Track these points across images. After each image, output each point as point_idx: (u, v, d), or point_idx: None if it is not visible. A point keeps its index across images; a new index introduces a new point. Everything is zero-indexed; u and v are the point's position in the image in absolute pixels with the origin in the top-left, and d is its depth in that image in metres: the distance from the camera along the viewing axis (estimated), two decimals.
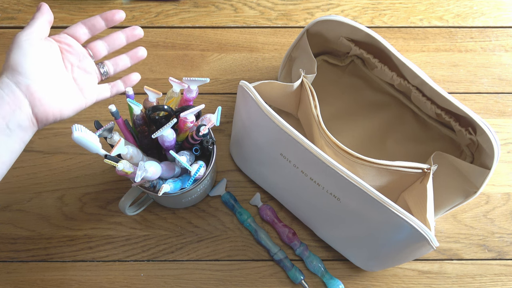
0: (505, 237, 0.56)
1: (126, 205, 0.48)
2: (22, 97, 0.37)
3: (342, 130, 0.56)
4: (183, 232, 0.55)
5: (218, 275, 0.54)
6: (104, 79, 0.45)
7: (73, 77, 0.41)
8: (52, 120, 0.39)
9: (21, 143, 0.38)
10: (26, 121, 0.38)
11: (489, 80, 0.62)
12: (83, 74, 0.42)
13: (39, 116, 0.38)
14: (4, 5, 0.64)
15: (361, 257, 0.51)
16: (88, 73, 0.43)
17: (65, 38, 0.42)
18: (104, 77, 0.45)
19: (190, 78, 0.43)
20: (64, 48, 0.41)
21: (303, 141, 0.42)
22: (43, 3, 0.41)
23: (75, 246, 0.54)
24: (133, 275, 0.53)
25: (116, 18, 0.43)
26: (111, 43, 0.44)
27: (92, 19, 0.43)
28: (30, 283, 0.53)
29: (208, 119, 0.44)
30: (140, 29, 0.45)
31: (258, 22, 0.65)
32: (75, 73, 0.42)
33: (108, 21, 0.43)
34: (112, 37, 0.44)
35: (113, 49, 0.45)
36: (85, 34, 0.43)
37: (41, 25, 0.40)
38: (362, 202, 0.42)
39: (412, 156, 0.54)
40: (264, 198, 0.57)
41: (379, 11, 0.66)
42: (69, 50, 0.41)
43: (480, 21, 0.65)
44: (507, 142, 0.60)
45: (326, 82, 0.58)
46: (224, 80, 0.62)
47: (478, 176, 0.45)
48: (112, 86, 0.45)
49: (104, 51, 0.44)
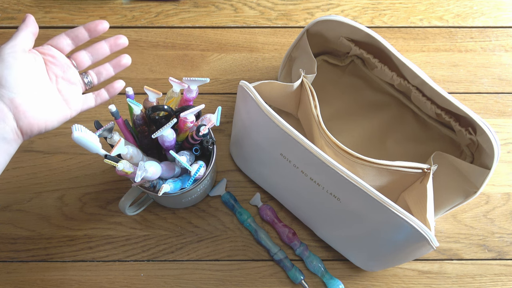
0: (505, 237, 0.56)
1: (126, 205, 0.48)
2: (6, 110, 0.37)
3: (342, 130, 0.56)
4: (183, 232, 0.55)
5: (218, 275, 0.54)
6: (88, 88, 0.44)
7: (57, 88, 0.41)
8: (37, 132, 0.39)
9: (5, 156, 0.38)
10: (11, 134, 0.37)
11: (489, 80, 0.62)
12: (68, 85, 0.42)
13: (24, 129, 0.38)
14: (4, 5, 0.64)
15: (361, 257, 0.51)
16: (73, 84, 0.42)
17: (49, 49, 0.41)
18: (88, 87, 0.44)
19: (190, 78, 0.43)
20: (48, 59, 0.41)
21: (303, 141, 0.42)
22: (29, 15, 0.41)
23: (75, 246, 0.54)
24: (133, 275, 0.53)
25: (99, 28, 0.43)
26: (94, 53, 0.44)
27: (75, 30, 0.43)
28: (30, 283, 0.53)
29: (208, 119, 0.44)
30: (124, 38, 0.45)
31: (258, 22, 0.65)
32: (60, 84, 0.41)
33: (91, 31, 0.43)
34: (96, 47, 0.44)
35: (96, 59, 0.44)
36: (68, 45, 0.42)
37: (25, 37, 0.40)
38: (362, 202, 0.42)
39: (412, 156, 0.54)
40: (264, 198, 0.57)
41: (379, 11, 0.66)
42: (53, 61, 0.41)
43: (480, 21, 0.65)
44: (507, 142, 0.60)
45: (326, 82, 0.58)
46: (224, 80, 0.62)
47: (478, 176, 0.45)
48: (97, 96, 0.45)
49: (88, 61, 0.44)
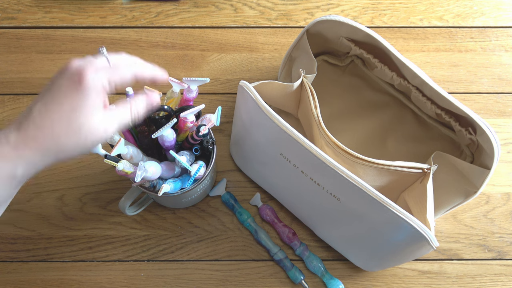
0: (505, 237, 0.56)
1: (126, 205, 0.48)
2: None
3: (342, 130, 0.56)
4: (183, 232, 0.55)
5: (218, 275, 0.54)
6: None
7: None
8: None
9: None
10: None
11: (489, 80, 0.62)
12: None
13: None
14: (4, 5, 0.64)
15: (361, 257, 0.51)
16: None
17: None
18: None
19: (190, 78, 0.43)
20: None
21: (303, 141, 0.42)
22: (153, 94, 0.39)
23: (75, 246, 0.54)
24: (133, 275, 0.53)
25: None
26: None
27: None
28: (30, 283, 0.53)
29: (208, 119, 0.44)
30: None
31: (258, 22, 0.65)
32: None
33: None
34: None
35: None
36: None
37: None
38: (362, 202, 0.42)
39: (412, 156, 0.54)
40: (264, 198, 0.57)
41: (379, 11, 0.66)
42: None
43: (480, 21, 0.65)
44: (507, 142, 0.60)
45: (326, 82, 0.58)
46: (224, 80, 0.62)
47: (478, 176, 0.45)
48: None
49: None
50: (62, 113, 0.34)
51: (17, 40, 0.63)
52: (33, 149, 0.33)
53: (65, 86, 0.34)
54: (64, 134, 0.34)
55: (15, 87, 0.60)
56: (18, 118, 0.34)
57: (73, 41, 0.63)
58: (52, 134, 0.34)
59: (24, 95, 0.60)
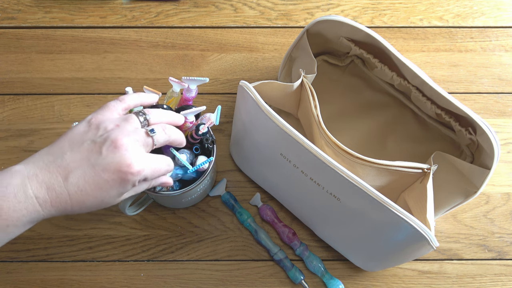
0: (505, 237, 0.56)
1: (126, 205, 0.48)
2: None
3: (342, 130, 0.56)
4: (183, 232, 0.55)
5: (218, 275, 0.54)
6: None
7: None
8: None
9: None
10: None
11: (489, 80, 0.62)
12: None
13: None
14: (4, 5, 0.64)
15: (361, 257, 0.51)
16: None
17: None
18: None
19: (189, 78, 0.43)
20: None
21: (303, 141, 0.42)
22: None
23: (75, 246, 0.54)
24: (133, 275, 0.53)
25: None
26: None
27: None
28: (30, 283, 0.53)
29: (208, 118, 0.44)
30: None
31: (258, 22, 0.65)
32: None
33: None
34: None
35: None
36: None
37: None
38: (362, 202, 0.42)
39: (412, 156, 0.54)
40: (264, 198, 0.57)
41: (379, 11, 0.66)
42: None
43: (480, 21, 0.65)
44: (507, 142, 0.60)
45: (326, 82, 0.58)
46: (224, 80, 0.62)
47: (478, 176, 0.45)
48: None
49: None
50: (98, 194, 0.36)
51: (17, 40, 0.63)
52: (56, 209, 0.36)
53: (109, 172, 0.36)
54: (90, 207, 0.37)
55: (15, 87, 0.60)
56: (45, 160, 0.36)
57: (73, 41, 0.63)
58: (81, 206, 0.36)
59: (24, 95, 0.60)
